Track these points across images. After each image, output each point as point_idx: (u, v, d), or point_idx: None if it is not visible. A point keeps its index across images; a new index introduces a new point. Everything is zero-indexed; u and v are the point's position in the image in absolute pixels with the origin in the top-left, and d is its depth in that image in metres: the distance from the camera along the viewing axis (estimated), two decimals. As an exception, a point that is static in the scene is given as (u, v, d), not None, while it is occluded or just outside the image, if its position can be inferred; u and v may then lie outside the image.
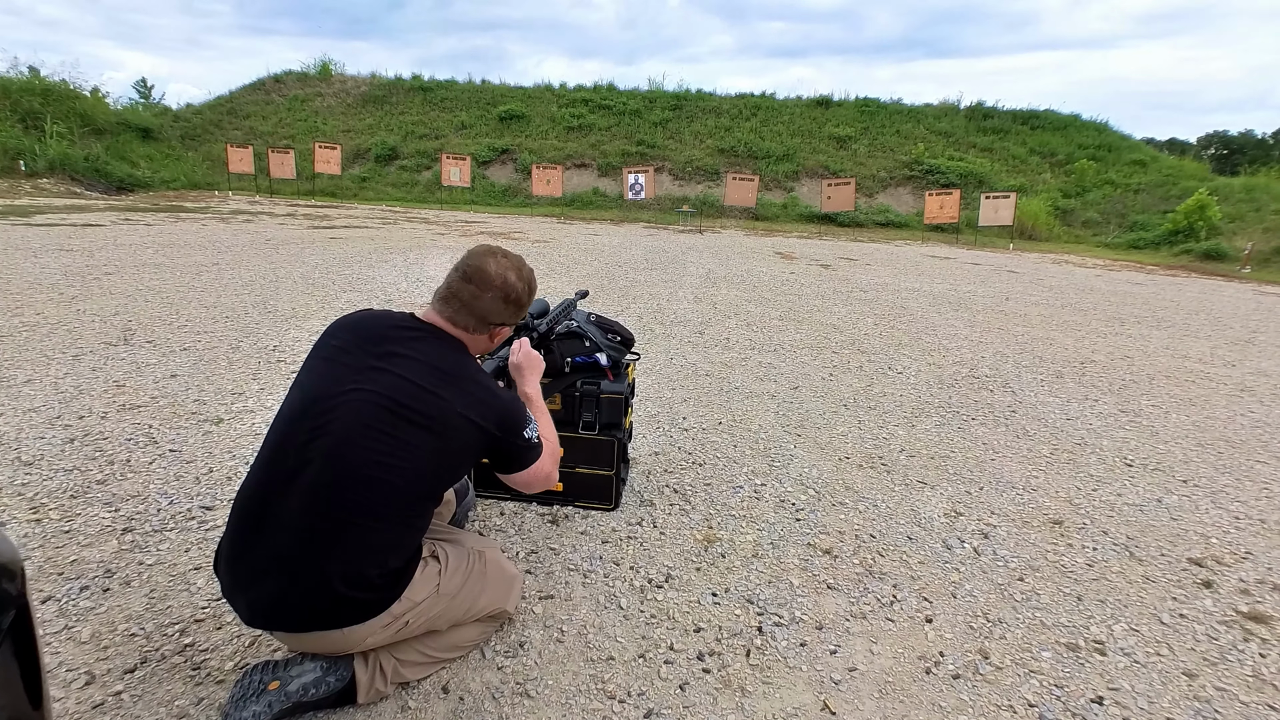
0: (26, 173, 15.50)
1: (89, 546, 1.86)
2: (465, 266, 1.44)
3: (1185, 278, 11.38)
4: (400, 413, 1.29)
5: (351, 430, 1.27)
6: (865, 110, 23.05)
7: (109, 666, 1.44)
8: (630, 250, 10.07)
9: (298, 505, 1.24)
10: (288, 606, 1.25)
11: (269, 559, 1.25)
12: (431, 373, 1.34)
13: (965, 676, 1.57)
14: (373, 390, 1.30)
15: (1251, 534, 2.35)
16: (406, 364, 1.34)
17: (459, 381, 1.37)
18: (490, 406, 1.39)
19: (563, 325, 2.16)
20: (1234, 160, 35.39)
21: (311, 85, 24.68)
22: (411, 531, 1.35)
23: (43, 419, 2.69)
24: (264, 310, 4.79)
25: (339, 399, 1.30)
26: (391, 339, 1.38)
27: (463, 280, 1.43)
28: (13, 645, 0.67)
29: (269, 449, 1.32)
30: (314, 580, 1.24)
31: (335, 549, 1.24)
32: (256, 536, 1.26)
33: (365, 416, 1.28)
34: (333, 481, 1.25)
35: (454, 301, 1.43)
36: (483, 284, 1.42)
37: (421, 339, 1.39)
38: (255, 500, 1.28)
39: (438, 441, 1.32)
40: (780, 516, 2.28)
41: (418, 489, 1.33)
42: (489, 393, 1.41)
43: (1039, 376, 4.26)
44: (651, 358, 4.12)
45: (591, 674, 1.51)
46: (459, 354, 1.43)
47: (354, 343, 1.39)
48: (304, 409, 1.31)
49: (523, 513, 2.20)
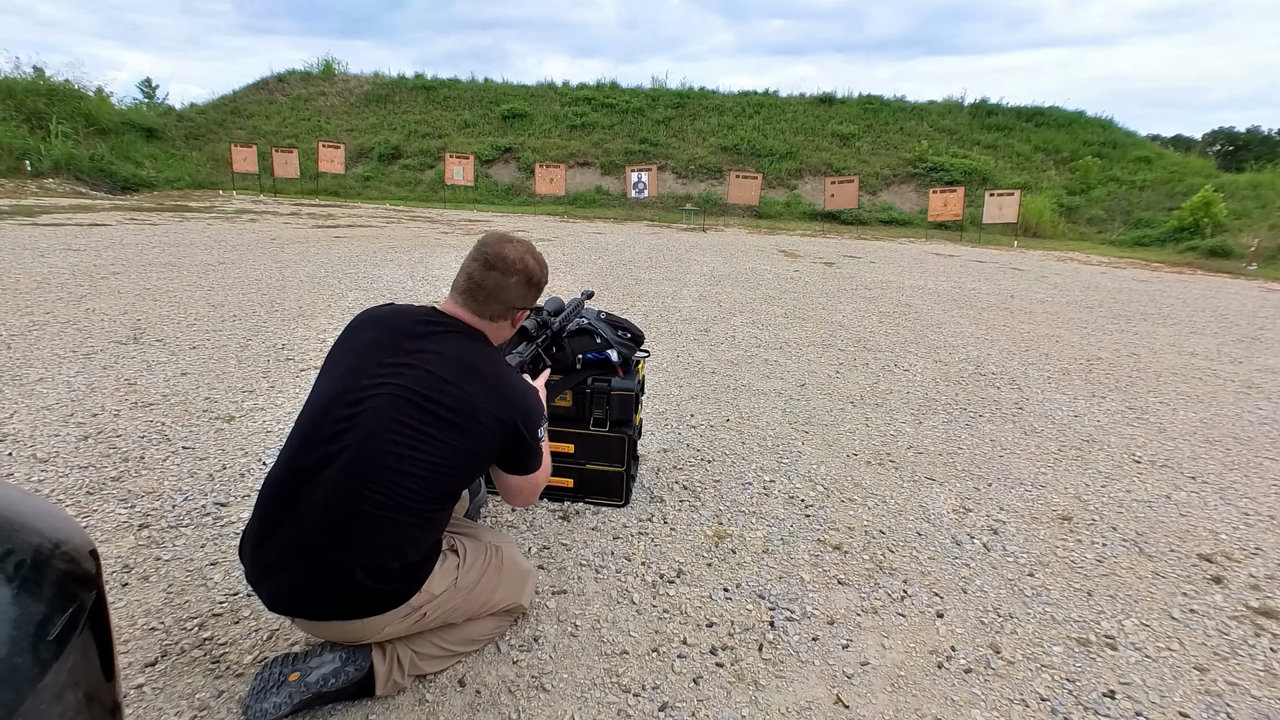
0: (32, 173, 15.56)
1: (106, 542, 1.88)
2: (485, 255, 1.45)
3: (1191, 275, 11.35)
4: (428, 408, 1.31)
5: (379, 424, 1.29)
6: (868, 108, 23.00)
7: (130, 660, 1.46)
8: (634, 249, 10.08)
9: (323, 496, 1.26)
10: (309, 595, 1.27)
11: (293, 547, 1.26)
12: (459, 368, 1.36)
13: (977, 671, 1.58)
14: (401, 384, 1.32)
15: (1261, 530, 2.35)
16: (434, 359, 1.36)
17: (486, 377, 1.39)
18: (516, 402, 1.41)
19: (574, 323, 2.17)
20: (1239, 157, 35.21)
21: (314, 84, 24.71)
22: (431, 526, 1.36)
23: (56, 417, 2.71)
24: (271, 309, 4.82)
25: (368, 392, 1.31)
26: (419, 334, 1.40)
27: (485, 269, 1.44)
28: (92, 625, 0.69)
29: (296, 439, 1.33)
30: (336, 570, 1.25)
31: (358, 540, 1.25)
32: (281, 525, 1.28)
33: (393, 410, 1.30)
34: (359, 474, 1.26)
35: (479, 292, 1.44)
36: (506, 269, 1.44)
37: (448, 334, 1.41)
38: (281, 488, 1.30)
39: (463, 437, 1.34)
40: (790, 512, 2.29)
41: (441, 483, 1.34)
42: (515, 389, 1.44)
43: (1045, 374, 4.26)
44: (658, 356, 4.13)
45: (606, 668, 1.52)
46: (484, 348, 1.46)
47: (382, 336, 1.40)
48: (333, 400, 1.33)
49: (534, 509, 2.21)
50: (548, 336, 1.93)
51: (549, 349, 1.98)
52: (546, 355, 1.96)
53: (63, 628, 0.64)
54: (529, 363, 1.82)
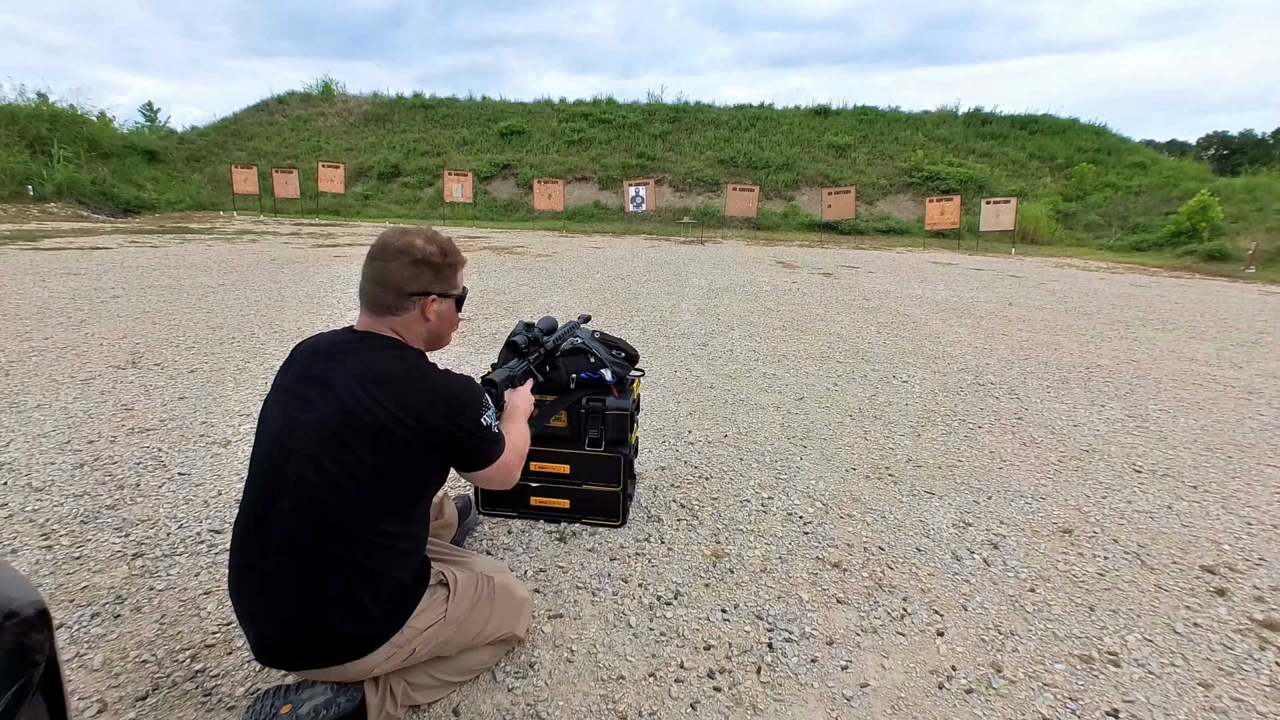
0: (34, 197, 15.69)
1: (100, 572, 1.87)
2: (370, 251, 1.37)
3: (1189, 279, 11.35)
4: (345, 433, 1.24)
5: (305, 468, 1.24)
6: (864, 118, 23.19)
7: (121, 694, 1.44)
8: (632, 262, 10.11)
9: (281, 545, 1.24)
10: (289, 647, 1.26)
11: (266, 596, 1.25)
12: (363, 383, 1.26)
13: (978, 691, 1.56)
14: (318, 417, 1.25)
15: (1264, 540, 2.33)
16: (343, 381, 1.27)
17: (391, 381, 1.28)
18: (434, 400, 1.30)
19: (568, 342, 2.17)
20: (1235, 160, 35.36)
21: (314, 105, 24.98)
22: (398, 555, 1.32)
23: (53, 444, 2.71)
24: (270, 330, 4.83)
25: (295, 434, 1.26)
26: (331, 356, 1.33)
27: (369, 262, 1.36)
28: (43, 689, 0.69)
29: (247, 490, 1.31)
30: (311, 620, 1.23)
31: (325, 585, 1.23)
32: (252, 569, 1.27)
33: (317, 447, 1.24)
34: (301, 521, 1.23)
35: (368, 286, 1.35)
36: (387, 255, 1.34)
37: (353, 351, 1.32)
38: (243, 537, 1.29)
39: (386, 455, 1.25)
40: (788, 530, 2.27)
41: (389, 508, 1.29)
42: (429, 384, 1.31)
43: (1044, 382, 4.25)
44: (656, 371, 4.12)
45: (602, 694, 1.51)
46: (393, 351, 1.34)
47: (302, 369, 1.35)
48: (267, 450, 1.29)
49: (530, 531, 2.20)
50: (540, 354, 1.93)
51: (542, 368, 1.98)
52: (540, 373, 1.96)
53: (11, 699, 0.64)
54: (519, 377, 1.82)
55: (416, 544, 1.39)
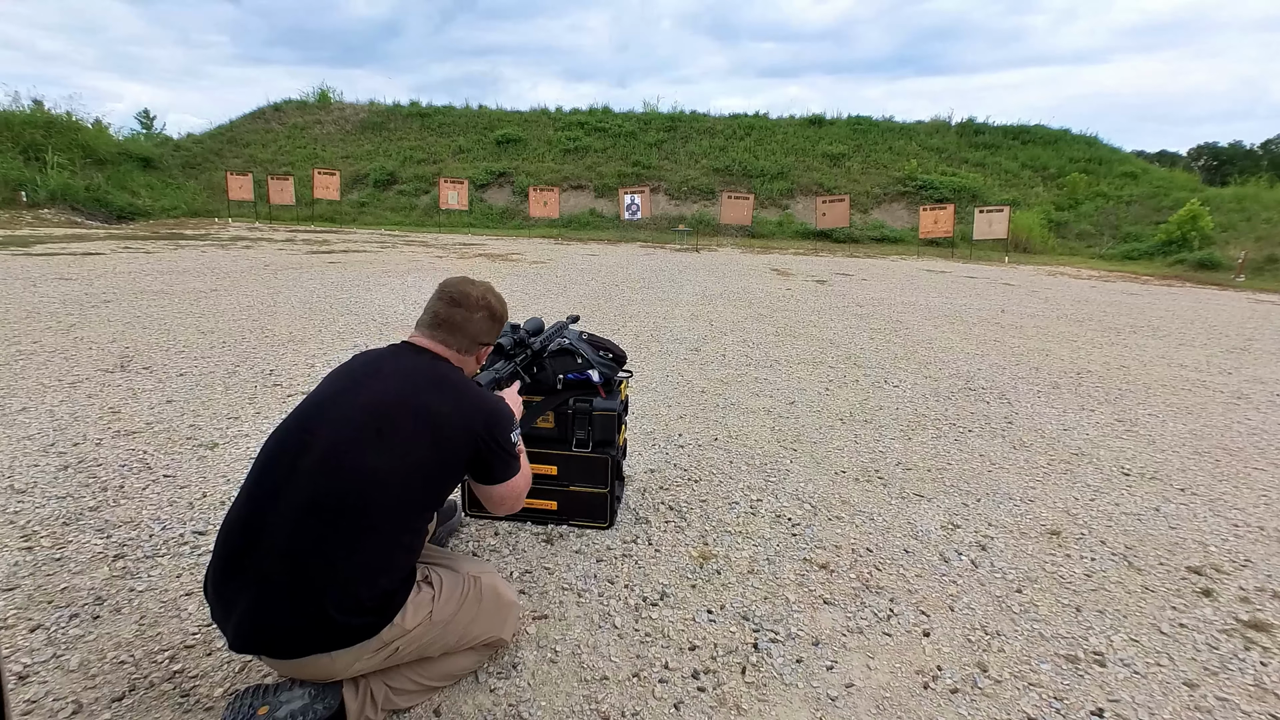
0: (28, 203, 15.64)
1: (80, 574, 1.85)
2: (450, 293, 1.53)
3: (1180, 287, 11.44)
4: (387, 418, 1.32)
5: (338, 441, 1.29)
6: (858, 128, 23.35)
7: (96, 695, 1.42)
8: (627, 270, 10.13)
9: (288, 525, 1.24)
10: (276, 630, 1.24)
11: (257, 581, 1.24)
12: (418, 380, 1.40)
13: (964, 690, 1.55)
14: (357, 400, 1.34)
15: (1250, 541, 2.34)
16: (394, 374, 1.39)
17: (445, 386, 1.42)
18: (477, 408, 1.43)
19: (555, 343, 2.17)
20: (1224, 170, 35.71)
21: (311, 113, 25.00)
22: (403, 551, 1.34)
23: (37, 446, 2.69)
24: (261, 335, 4.81)
25: (324, 413, 1.33)
26: (380, 357, 1.46)
27: (451, 305, 1.52)
28: None
29: (256, 470, 1.32)
30: (304, 602, 1.22)
31: (327, 568, 1.23)
32: (244, 559, 1.25)
33: (351, 426, 1.31)
34: (322, 495, 1.25)
35: (446, 326, 1.52)
36: (470, 306, 1.53)
37: (416, 356, 1.47)
38: (241, 523, 1.28)
39: (425, 448, 1.34)
40: (776, 532, 2.27)
41: (409, 500, 1.33)
42: (476, 395, 1.47)
43: (1035, 388, 4.26)
44: (647, 375, 4.12)
45: (585, 694, 1.49)
46: (449, 365, 1.49)
47: (342, 374, 1.46)
48: (290, 428, 1.34)
49: (517, 532, 2.19)
50: (526, 356, 1.93)
51: (529, 368, 1.98)
52: (526, 374, 1.96)
53: None
54: (505, 379, 1.83)
55: (418, 543, 1.41)
